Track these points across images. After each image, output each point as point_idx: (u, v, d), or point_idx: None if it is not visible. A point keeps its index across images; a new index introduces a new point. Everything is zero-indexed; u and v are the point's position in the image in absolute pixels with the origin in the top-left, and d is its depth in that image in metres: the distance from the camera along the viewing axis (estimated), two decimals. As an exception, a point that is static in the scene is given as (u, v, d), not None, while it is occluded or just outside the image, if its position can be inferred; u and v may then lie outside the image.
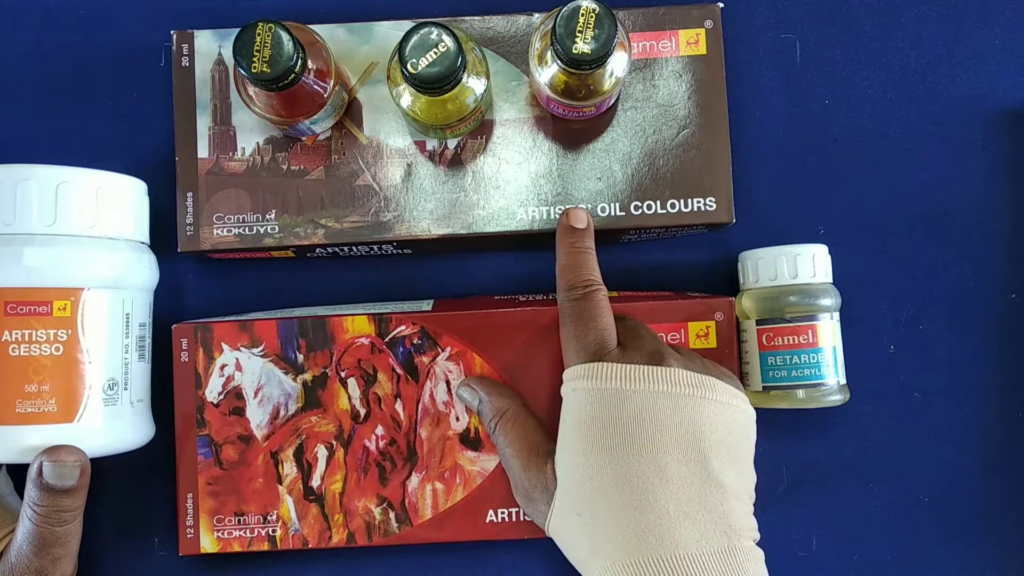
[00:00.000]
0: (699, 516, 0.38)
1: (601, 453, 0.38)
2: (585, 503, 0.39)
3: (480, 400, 0.44)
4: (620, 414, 0.39)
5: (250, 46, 0.40)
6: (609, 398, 0.39)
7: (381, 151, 0.48)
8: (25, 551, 0.40)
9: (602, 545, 0.38)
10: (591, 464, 0.39)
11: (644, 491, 0.38)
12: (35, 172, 0.40)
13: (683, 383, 0.39)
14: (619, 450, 0.38)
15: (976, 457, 0.50)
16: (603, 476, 0.38)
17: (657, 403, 0.39)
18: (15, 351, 0.40)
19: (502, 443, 0.43)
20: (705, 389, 0.39)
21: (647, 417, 0.38)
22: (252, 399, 0.45)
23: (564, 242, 0.44)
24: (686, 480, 0.38)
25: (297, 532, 0.45)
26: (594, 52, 0.40)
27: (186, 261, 0.50)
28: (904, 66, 0.51)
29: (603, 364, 0.40)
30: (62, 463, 0.40)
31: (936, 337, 0.50)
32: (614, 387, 0.39)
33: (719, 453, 0.39)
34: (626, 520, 0.38)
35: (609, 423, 0.39)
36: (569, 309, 0.42)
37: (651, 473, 0.38)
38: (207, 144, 0.47)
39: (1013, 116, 0.51)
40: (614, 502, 0.38)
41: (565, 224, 0.44)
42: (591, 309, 0.42)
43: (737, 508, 0.39)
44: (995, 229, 0.51)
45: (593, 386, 0.39)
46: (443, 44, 0.40)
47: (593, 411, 0.39)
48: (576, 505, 0.39)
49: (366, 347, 0.45)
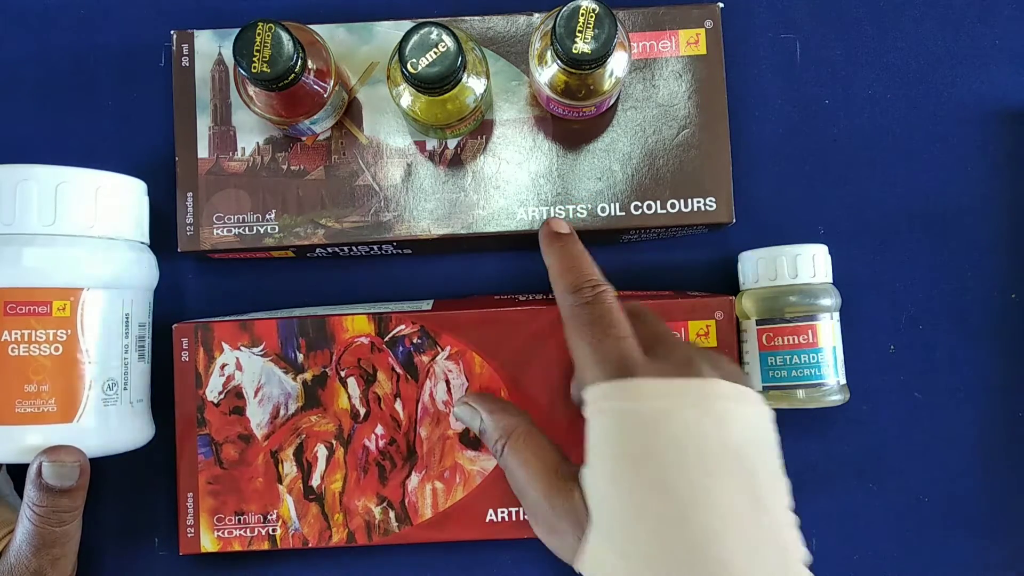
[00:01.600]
0: (759, 549, 0.33)
1: (643, 489, 0.34)
2: (632, 545, 0.34)
3: (482, 420, 0.41)
4: (659, 440, 0.34)
5: (250, 46, 0.40)
6: (645, 421, 0.34)
7: (381, 151, 0.48)
8: (24, 551, 0.40)
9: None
10: (635, 503, 0.34)
11: (703, 532, 0.33)
12: (35, 172, 0.40)
13: (722, 395, 0.35)
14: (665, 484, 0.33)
15: (976, 457, 0.50)
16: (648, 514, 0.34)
17: (701, 422, 0.34)
18: (14, 351, 0.40)
19: (513, 466, 0.39)
20: (742, 397, 0.36)
21: (691, 442, 0.34)
22: (252, 398, 0.45)
23: (552, 248, 0.41)
24: (742, 511, 0.34)
25: (297, 531, 0.45)
26: (594, 52, 0.40)
27: (186, 261, 0.50)
28: (904, 66, 0.51)
29: (633, 382, 0.35)
30: (61, 463, 0.40)
31: (936, 337, 0.50)
32: (649, 408, 0.35)
33: (764, 469, 0.35)
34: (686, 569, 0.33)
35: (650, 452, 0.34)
36: (580, 316, 0.38)
37: (706, 511, 0.33)
38: (207, 144, 0.47)
39: (1013, 116, 0.51)
40: (668, 546, 0.33)
41: (548, 232, 0.42)
42: (606, 315, 0.38)
43: (786, 528, 0.35)
44: (995, 229, 0.51)
45: (625, 408, 0.35)
46: (443, 44, 0.40)
47: (629, 437, 0.35)
48: (618, 546, 0.34)
49: (366, 346, 0.45)
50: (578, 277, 0.39)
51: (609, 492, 0.35)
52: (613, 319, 0.37)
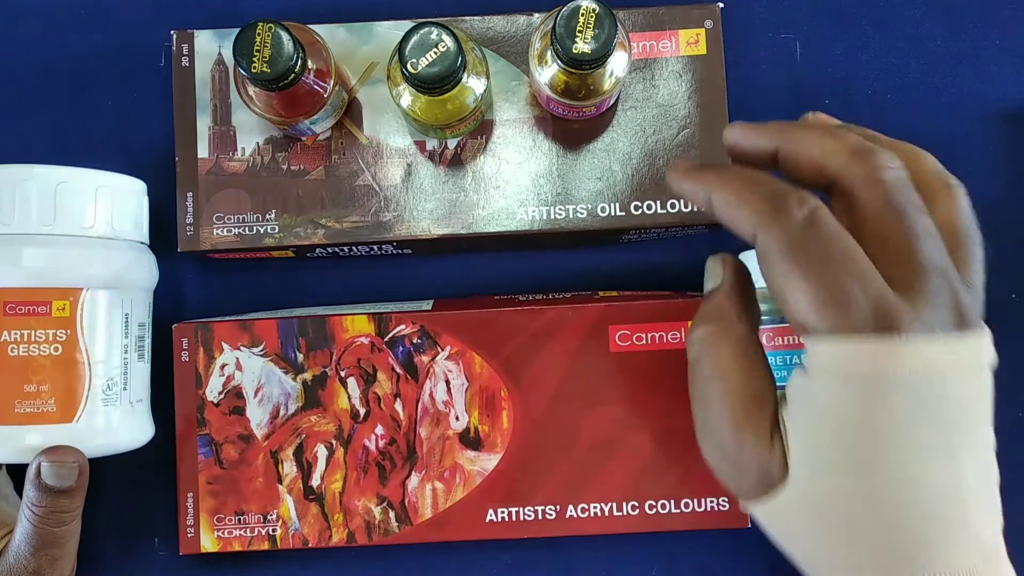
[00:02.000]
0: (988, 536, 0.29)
1: (877, 471, 0.28)
2: (840, 516, 0.29)
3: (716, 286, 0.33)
4: (924, 415, 0.28)
5: (250, 46, 0.40)
6: (899, 385, 0.27)
7: (381, 151, 0.48)
8: (23, 551, 0.40)
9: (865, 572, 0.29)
10: (861, 487, 0.28)
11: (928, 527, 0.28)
12: (34, 172, 0.40)
13: (991, 363, 0.30)
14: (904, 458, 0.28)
15: (976, 457, 0.50)
16: (872, 485, 0.28)
17: (961, 392, 0.28)
18: (14, 351, 0.40)
19: (709, 371, 0.32)
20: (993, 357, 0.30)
21: (962, 415, 0.28)
22: (252, 398, 0.45)
23: (706, 177, 0.32)
24: (982, 493, 0.29)
25: (297, 531, 0.45)
26: (594, 52, 0.40)
27: (186, 261, 0.50)
28: (904, 66, 0.51)
29: (896, 343, 0.27)
30: (61, 463, 0.40)
31: (936, 337, 0.50)
32: (907, 372, 0.27)
33: (988, 439, 0.30)
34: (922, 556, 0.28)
35: (895, 418, 0.28)
36: (802, 249, 0.28)
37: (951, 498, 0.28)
38: (207, 144, 0.47)
39: (1013, 116, 0.51)
40: (892, 526, 0.28)
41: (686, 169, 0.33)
42: (834, 242, 0.28)
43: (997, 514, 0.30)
44: (995, 229, 0.51)
45: (877, 371, 0.27)
46: (443, 44, 0.40)
47: (871, 400, 0.28)
48: (824, 510, 0.29)
49: (366, 346, 0.45)
50: (773, 194, 0.29)
51: (822, 462, 0.29)
52: (843, 243, 0.28)
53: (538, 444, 0.45)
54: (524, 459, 0.45)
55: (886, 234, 0.28)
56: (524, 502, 0.45)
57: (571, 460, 0.45)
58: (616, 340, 0.45)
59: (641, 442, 0.45)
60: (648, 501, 0.45)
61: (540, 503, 0.45)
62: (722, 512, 0.45)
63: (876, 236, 0.29)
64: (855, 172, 0.29)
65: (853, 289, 0.28)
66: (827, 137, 0.30)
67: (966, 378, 0.28)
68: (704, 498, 0.45)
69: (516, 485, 0.45)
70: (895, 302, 0.28)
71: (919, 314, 0.28)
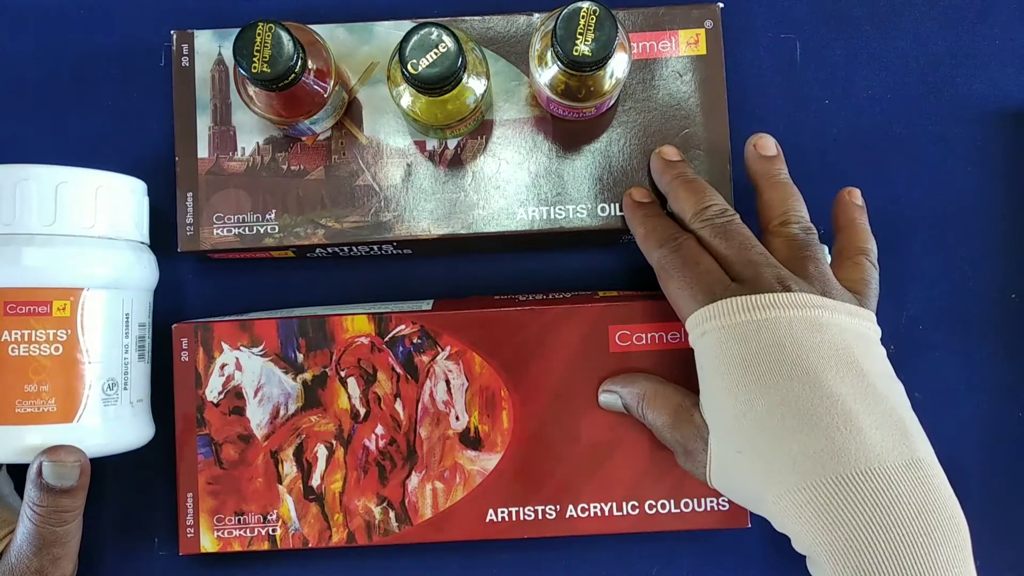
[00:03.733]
0: (872, 430, 0.36)
1: (750, 388, 0.37)
2: (745, 439, 0.38)
3: (621, 397, 0.44)
4: (759, 345, 0.38)
5: (250, 46, 0.40)
6: (742, 332, 0.38)
7: (381, 151, 0.48)
8: (25, 551, 0.40)
9: (772, 475, 0.36)
10: (741, 400, 0.38)
11: (806, 414, 0.36)
12: (34, 172, 0.40)
13: (814, 304, 0.38)
14: (768, 380, 0.37)
15: (976, 457, 0.50)
16: (756, 409, 0.37)
17: (793, 327, 0.38)
18: (14, 351, 0.40)
19: (651, 421, 0.43)
20: (838, 308, 0.39)
21: (787, 342, 0.37)
22: (252, 398, 0.45)
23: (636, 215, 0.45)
24: (848, 395, 0.36)
25: (297, 532, 0.45)
26: (594, 54, 0.40)
27: (186, 261, 0.50)
28: (904, 66, 0.51)
29: (724, 302, 0.39)
30: (62, 463, 0.40)
31: (936, 337, 0.50)
32: (743, 320, 0.38)
33: (873, 367, 0.38)
34: (795, 445, 0.36)
35: (750, 356, 0.38)
36: (669, 264, 0.42)
37: (809, 395, 0.36)
38: (207, 144, 0.47)
39: (1013, 116, 0.51)
40: (776, 431, 0.37)
41: (631, 202, 0.46)
42: (690, 256, 0.42)
43: (907, 417, 0.37)
44: (995, 229, 0.51)
45: (723, 324, 0.39)
46: (443, 44, 0.40)
47: (729, 348, 0.38)
48: (735, 443, 0.38)
49: (366, 346, 0.45)
50: (662, 234, 0.43)
51: (718, 401, 0.39)
52: (697, 257, 0.42)
53: (538, 444, 0.45)
54: (524, 459, 0.45)
55: (722, 252, 0.42)
56: (524, 502, 0.45)
57: (571, 460, 0.45)
58: (616, 340, 0.45)
59: (641, 442, 0.45)
60: (648, 501, 0.45)
61: (540, 503, 0.45)
62: (722, 512, 0.45)
63: (717, 253, 0.42)
64: (696, 227, 0.43)
65: (708, 281, 0.40)
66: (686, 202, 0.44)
67: (781, 314, 0.38)
68: (704, 498, 0.45)
69: (516, 485, 0.45)
70: (734, 285, 0.40)
71: (752, 287, 0.39)
